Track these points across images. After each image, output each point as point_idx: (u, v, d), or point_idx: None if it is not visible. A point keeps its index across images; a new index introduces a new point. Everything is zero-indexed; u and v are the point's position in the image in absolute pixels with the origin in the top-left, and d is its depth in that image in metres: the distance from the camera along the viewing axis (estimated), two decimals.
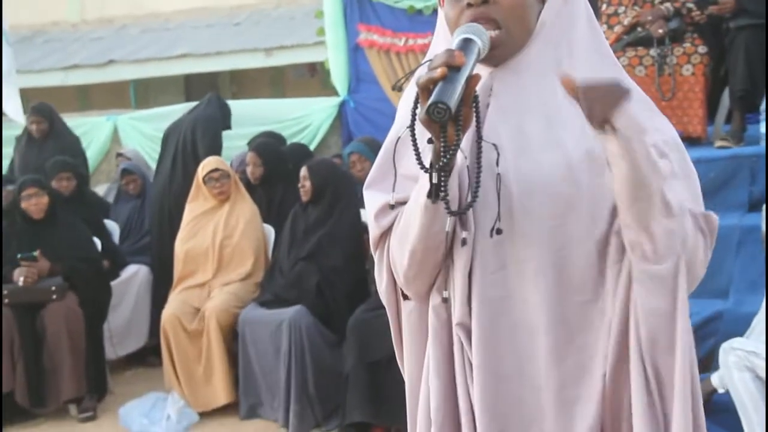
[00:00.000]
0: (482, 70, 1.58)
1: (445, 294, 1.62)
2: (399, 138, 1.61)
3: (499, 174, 1.55)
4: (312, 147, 7.70)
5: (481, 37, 1.49)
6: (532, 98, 1.55)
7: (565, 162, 1.54)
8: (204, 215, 5.68)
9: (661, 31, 5.17)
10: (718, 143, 5.13)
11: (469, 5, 1.57)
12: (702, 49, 5.19)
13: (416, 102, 1.44)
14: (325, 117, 8.14)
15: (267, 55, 10.66)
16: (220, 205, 5.66)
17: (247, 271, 5.55)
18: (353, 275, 5.10)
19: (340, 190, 5.29)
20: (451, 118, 1.38)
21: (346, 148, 6.82)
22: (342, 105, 8.14)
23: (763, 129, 5.02)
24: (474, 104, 1.46)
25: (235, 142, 7.19)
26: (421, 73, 1.42)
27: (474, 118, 1.48)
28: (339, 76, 8.07)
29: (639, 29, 5.31)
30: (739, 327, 3.96)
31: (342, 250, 5.13)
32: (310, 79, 12.30)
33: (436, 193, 1.47)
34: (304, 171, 5.28)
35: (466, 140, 1.54)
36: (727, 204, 4.63)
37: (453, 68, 1.39)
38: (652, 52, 5.21)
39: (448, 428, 1.65)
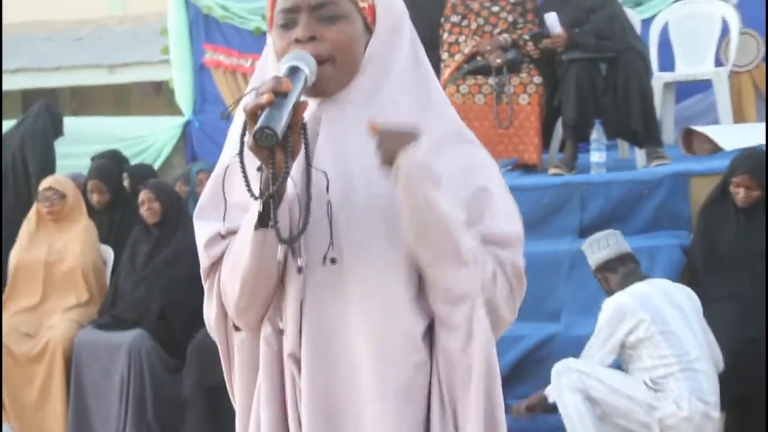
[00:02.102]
0: (311, 101, 1.58)
1: (281, 325, 1.60)
2: (228, 166, 1.59)
3: (329, 202, 1.55)
4: (156, 166, 7.52)
5: (309, 64, 1.50)
6: (360, 128, 1.56)
7: (388, 192, 1.54)
8: (39, 232, 5.48)
9: (499, 60, 5.36)
10: (552, 170, 5.33)
11: (297, 41, 1.57)
12: (537, 79, 5.40)
13: (244, 128, 1.43)
14: (168, 137, 7.96)
15: (110, 72, 10.39)
16: (55, 224, 5.47)
17: (86, 296, 5.34)
18: (195, 299, 5.00)
19: (181, 212, 5.21)
20: (278, 143, 1.38)
21: (194, 167, 6.71)
22: (186, 125, 8.00)
23: (593, 158, 5.24)
24: (302, 132, 1.46)
25: (77, 160, 6.95)
26: (249, 99, 1.42)
27: (303, 146, 1.49)
28: (184, 96, 7.93)
29: (478, 58, 5.48)
30: (571, 349, 4.10)
31: (184, 273, 5.02)
32: (156, 97, 12.04)
33: (265, 221, 1.47)
34: (147, 193, 5.17)
35: (297, 168, 1.53)
36: (559, 229, 4.82)
37: (280, 95, 1.39)
38: (491, 80, 5.39)
39: None
